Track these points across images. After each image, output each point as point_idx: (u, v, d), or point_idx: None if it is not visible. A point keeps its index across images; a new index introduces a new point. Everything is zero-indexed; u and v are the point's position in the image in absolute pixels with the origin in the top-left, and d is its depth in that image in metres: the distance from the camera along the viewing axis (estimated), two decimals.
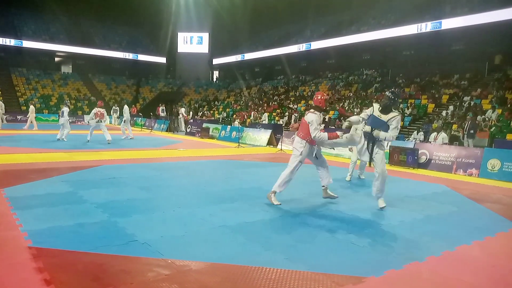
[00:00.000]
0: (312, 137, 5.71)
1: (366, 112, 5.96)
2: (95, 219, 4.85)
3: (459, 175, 10.17)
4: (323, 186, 6.25)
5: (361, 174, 8.90)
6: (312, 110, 5.90)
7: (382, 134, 5.65)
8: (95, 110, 14.64)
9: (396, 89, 5.96)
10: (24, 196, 5.85)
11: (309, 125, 5.70)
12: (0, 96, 31.84)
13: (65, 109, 15.19)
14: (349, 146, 8.87)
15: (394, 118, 5.66)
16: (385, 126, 5.64)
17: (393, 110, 5.78)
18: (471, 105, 18.46)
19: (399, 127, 5.74)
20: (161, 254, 3.76)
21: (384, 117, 5.69)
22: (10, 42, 35.05)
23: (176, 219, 5.00)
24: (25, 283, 3.11)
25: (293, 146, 6.18)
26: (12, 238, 4.08)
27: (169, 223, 4.82)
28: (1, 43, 34.67)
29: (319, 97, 5.98)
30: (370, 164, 6.20)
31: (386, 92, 5.95)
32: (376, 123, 5.69)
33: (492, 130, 15.20)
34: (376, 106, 5.90)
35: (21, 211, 5.04)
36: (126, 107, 17.61)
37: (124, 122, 17.05)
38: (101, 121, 14.52)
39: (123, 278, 3.24)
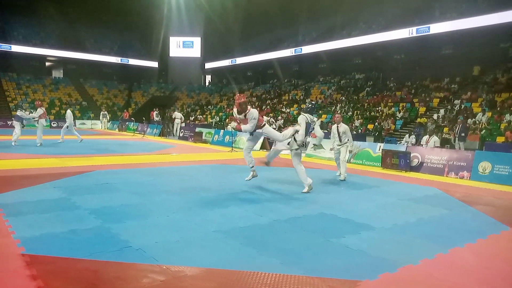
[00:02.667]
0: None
1: (299, 123, 7.41)
2: (88, 225, 4.82)
3: (450, 178, 10.27)
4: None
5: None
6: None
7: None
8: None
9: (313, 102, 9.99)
10: (16, 203, 5.78)
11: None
12: None
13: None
14: (331, 147, 9.79)
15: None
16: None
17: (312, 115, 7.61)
18: (462, 108, 18.68)
19: (302, 123, 7.34)
20: (156, 260, 3.75)
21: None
22: (0, 46, 34.68)
23: (170, 225, 4.98)
24: None
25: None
26: (4, 245, 4.03)
27: (163, 229, 4.80)
28: None
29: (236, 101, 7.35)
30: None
31: (307, 103, 8.13)
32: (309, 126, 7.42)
33: (482, 133, 15.39)
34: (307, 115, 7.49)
35: (13, 218, 4.98)
36: (69, 111, 16.85)
37: (67, 127, 16.40)
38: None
39: (118, 285, 3.22)
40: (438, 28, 23.18)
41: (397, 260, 3.96)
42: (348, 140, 9.30)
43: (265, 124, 7.53)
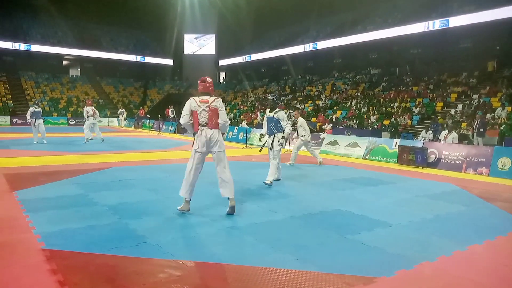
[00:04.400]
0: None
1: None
2: (106, 221, 4.90)
3: (469, 174, 10.09)
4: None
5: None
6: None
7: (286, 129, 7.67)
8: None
9: (275, 94, 9.54)
10: (36, 199, 5.92)
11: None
12: (11, 99, 32.31)
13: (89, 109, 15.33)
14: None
15: (278, 112, 7.70)
16: (275, 121, 7.66)
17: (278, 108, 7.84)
18: (480, 103, 18.30)
19: (286, 117, 7.72)
20: (172, 255, 3.80)
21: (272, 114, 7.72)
22: (20, 46, 35.44)
23: (186, 220, 5.03)
24: (39, 285, 3.15)
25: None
26: (25, 241, 4.14)
27: (179, 225, 4.85)
28: (11, 47, 35.08)
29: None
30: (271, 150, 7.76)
31: (269, 97, 8.13)
32: (271, 121, 7.74)
33: (502, 128, 15.05)
34: (267, 110, 7.97)
35: (33, 213, 5.10)
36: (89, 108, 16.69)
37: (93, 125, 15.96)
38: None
39: (136, 280, 3.27)
40: (457, 21, 22.69)
41: (414, 257, 3.92)
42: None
43: None
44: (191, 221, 5.02)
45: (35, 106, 14.41)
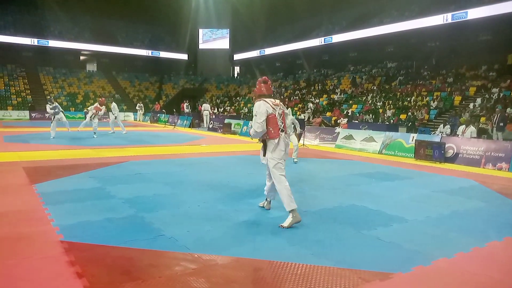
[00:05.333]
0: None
1: None
2: (122, 214, 4.97)
3: (488, 169, 9.89)
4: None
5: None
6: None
7: None
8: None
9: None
10: (54, 192, 6.04)
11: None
12: (29, 94, 32.93)
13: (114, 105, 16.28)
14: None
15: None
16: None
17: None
18: (500, 97, 17.88)
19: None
20: (188, 248, 3.82)
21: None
22: (38, 42, 36.03)
23: (201, 214, 5.06)
24: (58, 276, 3.22)
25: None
26: (44, 233, 4.22)
27: (194, 218, 4.88)
28: (29, 43, 35.68)
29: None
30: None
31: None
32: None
33: None
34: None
35: (52, 206, 5.20)
36: (114, 104, 17.08)
37: (115, 118, 16.84)
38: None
39: (152, 272, 3.31)
40: (476, 13, 22.14)
41: (431, 253, 3.86)
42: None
43: None
44: (206, 215, 5.05)
45: (49, 103, 14.69)
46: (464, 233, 4.53)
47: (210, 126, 22.52)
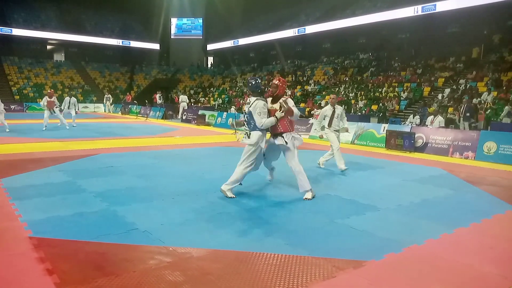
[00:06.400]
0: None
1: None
2: (94, 208, 4.85)
3: (455, 158, 10.23)
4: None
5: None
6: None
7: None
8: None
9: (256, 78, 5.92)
10: (22, 186, 5.83)
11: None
12: None
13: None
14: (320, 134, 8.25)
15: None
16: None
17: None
18: (467, 87, 18.47)
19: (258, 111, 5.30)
20: (162, 242, 3.78)
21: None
22: (0, 30, 34.44)
23: (175, 207, 5.00)
24: (27, 273, 3.11)
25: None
26: (12, 229, 4.08)
27: (168, 211, 4.83)
28: None
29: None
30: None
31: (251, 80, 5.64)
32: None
33: (487, 112, 15.24)
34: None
35: (19, 201, 5.02)
36: (71, 98, 16.37)
37: (61, 111, 15.69)
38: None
39: (126, 267, 3.25)
40: (445, 5, 22.70)
41: (402, 240, 3.97)
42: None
43: None
44: (180, 207, 5.00)
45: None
46: (434, 220, 4.68)
47: (184, 117, 22.26)
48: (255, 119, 5.30)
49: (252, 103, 5.34)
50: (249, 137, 5.48)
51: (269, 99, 5.60)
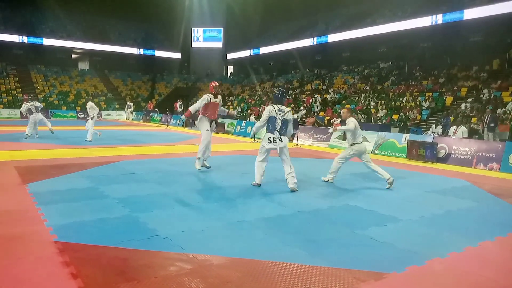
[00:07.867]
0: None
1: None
2: (116, 214, 4.94)
3: (479, 169, 10.00)
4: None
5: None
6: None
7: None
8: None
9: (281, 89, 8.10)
10: (47, 192, 5.98)
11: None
12: (20, 93, 32.57)
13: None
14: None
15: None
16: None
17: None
18: (491, 97, 18.07)
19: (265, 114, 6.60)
20: (183, 248, 3.82)
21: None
22: (29, 40, 35.66)
23: (195, 214, 5.05)
24: (52, 277, 3.19)
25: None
26: (37, 233, 4.19)
27: (189, 218, 4.88)
28: (19, 40, 35.31)
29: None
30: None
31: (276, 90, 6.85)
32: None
33: None
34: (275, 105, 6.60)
35: (45, 206, 5.16)
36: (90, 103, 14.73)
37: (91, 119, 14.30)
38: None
39: (147, 273, 3.30)
40: (468, 14, 22.36)
41: (425, 252, 3.90)
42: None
43: None
44: (201, 215, 5.04)
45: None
46: (457, 233, 4.58)
47: None
48: (289, 126, 6.57)
49: (286, 112, 6.52)
50: (282, 141, 6.50)
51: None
